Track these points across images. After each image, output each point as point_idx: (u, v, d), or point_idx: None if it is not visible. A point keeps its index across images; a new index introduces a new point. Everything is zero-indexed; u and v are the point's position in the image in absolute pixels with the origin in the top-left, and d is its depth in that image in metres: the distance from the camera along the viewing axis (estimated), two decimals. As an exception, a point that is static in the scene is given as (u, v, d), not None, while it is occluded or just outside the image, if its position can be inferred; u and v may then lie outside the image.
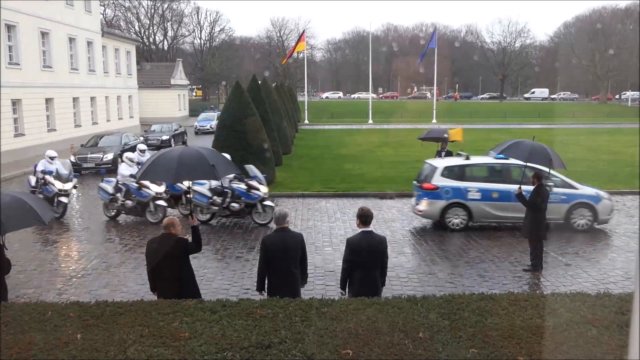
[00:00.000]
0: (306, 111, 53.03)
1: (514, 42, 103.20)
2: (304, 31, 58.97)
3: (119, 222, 14.09)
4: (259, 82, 25.28)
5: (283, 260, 6.33)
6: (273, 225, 9.22)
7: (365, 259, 6.23)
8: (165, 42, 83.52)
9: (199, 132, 41.69)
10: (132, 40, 51.70)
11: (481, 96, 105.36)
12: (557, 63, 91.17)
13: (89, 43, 35.56)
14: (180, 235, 6.75)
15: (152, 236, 7.85)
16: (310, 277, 8.11)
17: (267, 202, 13.57)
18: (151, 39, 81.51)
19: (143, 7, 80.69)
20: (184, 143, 32.77)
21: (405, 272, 9.98)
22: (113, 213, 14.26)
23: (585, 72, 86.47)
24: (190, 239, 6.82)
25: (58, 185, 14.36)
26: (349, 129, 46.07)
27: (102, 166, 21.88)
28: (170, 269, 6.56)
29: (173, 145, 30.01)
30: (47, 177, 14.42)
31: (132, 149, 22.57)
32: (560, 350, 4.43)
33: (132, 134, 27.48)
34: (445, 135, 16.66)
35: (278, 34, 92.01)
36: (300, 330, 4.67)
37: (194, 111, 63.30)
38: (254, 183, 13.34)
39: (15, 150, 25.04)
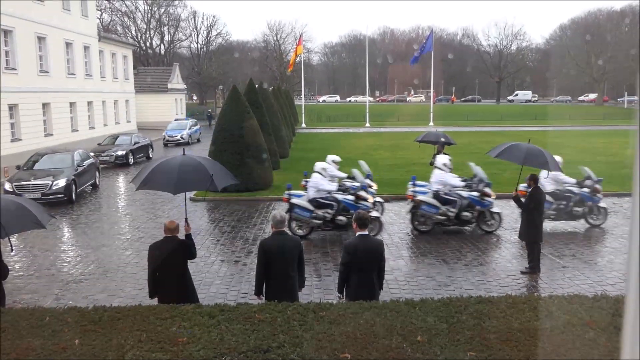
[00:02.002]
0: (303, 114, 53.09)
1: (510, 44, 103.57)
2: (301, 35, 59.14)
3: (311, 239, 12.51)
4: (256, 85, 25.30)
5: (281, 263, 6.32)
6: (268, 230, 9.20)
7: (362, 263, 6.23)
8: (162, 47, 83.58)
9: (168, 144, 35.84)
10: (129, 44, 51.70)
11: (463, 99, 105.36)
12: (552, 65, 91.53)
13: (86, 48, 35.53)
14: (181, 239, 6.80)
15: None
16: (307, 281, 8.12)
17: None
18: (148, 44, 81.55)
19: (140, 11, 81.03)
20: (149, 158, 28.47)
21: (403, 275, 9.99)
22: (306, 231, 12.56)
23: (581, 74, 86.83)
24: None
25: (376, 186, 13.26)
26: (346, 132, 46.13)
27: (53, 197, 16.67)
28: (173, 272, 6.63)
29: (131, 162, 26.37)
30: (368, 180, 13.16)
31: (85, 172, 18.75)
32: (557, 353, 4.45)
33: (83, 149, 20.96)
34: (442, 139, 16.68)
35: (275, 38, 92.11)
36: (298, 334, 4.67)
37: (192, 115, 63.24)
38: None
39: (13, 155, 24.96)
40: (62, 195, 16.89)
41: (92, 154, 21.82)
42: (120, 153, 26.05)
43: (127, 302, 7.33)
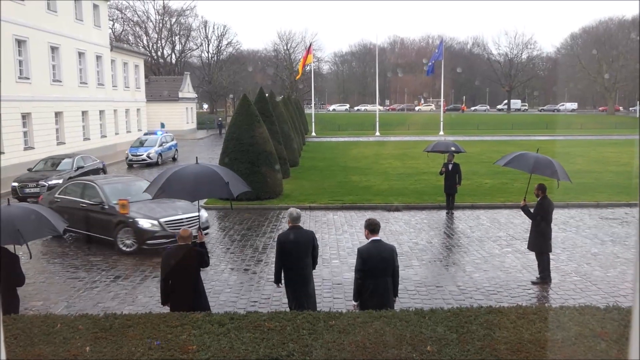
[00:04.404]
0: (313, 123, 53.24)
1: (521, 53, 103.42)
2: (310, 44, 59.37)
3: None
4: (266, 94, 25.42)
5: (296, 253, 7.03)
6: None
7: (377, 267, 6.30)
8: (173, 56, 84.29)
9: (133, 164, 29.51)
10: (141, 54, 52.18)
11: (446, 108, 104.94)
12: (563, 74, 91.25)
13: (98, 57, 35.93)
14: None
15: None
16: (317, 290, 8.13)
17: None
18: (159, 53, 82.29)
19: (151, 21, 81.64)
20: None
21: (413, 284, 9.95)
22: None
23: (593, 83, 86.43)
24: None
25: None
26: (356, 140, 46.15)
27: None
28: (186, 279, 6.69)
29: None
30: None
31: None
32: (569, 364, 4.41)
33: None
34: (452, 149, 16.62)
35: (285, 47, 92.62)
36: (308, 343, 4.67)
37: (202, 124, 63.60)
38: None
39: (25, 163, 25.23)
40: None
41: (15, 184, 18.86)
42: (53, 182, 18.77)
43: (137, 310, 7.37)
